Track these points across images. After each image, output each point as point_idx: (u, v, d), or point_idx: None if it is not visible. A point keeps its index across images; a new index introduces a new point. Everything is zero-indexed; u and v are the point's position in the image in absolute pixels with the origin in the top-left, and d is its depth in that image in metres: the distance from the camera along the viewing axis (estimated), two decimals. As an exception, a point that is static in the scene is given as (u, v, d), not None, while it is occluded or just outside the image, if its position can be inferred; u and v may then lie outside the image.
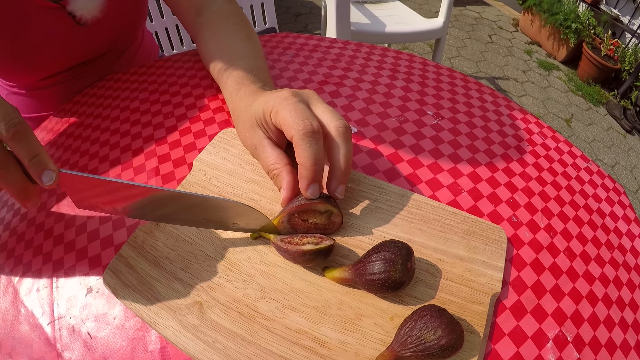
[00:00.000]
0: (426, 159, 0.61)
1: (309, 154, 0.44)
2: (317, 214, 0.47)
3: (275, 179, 0.49)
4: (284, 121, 0.46)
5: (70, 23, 0.72)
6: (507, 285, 0.48)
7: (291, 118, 0.45)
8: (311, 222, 0.47)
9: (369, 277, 0.41)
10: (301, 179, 0.45)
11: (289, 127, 0.45)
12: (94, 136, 0.67)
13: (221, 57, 0.65)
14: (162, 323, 0.42)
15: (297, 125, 0.44)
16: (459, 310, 0.43)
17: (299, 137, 0.44)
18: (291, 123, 0.45)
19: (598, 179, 0.65)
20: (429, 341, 0.37)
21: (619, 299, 0.50)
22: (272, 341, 0.41)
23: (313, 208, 0.46)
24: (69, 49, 0.77)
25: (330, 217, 0.47)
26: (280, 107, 0.47)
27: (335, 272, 0.44)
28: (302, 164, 0.44)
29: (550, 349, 0.44)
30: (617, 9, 3.26)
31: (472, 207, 0.55)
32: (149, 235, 0.49)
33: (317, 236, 0.44)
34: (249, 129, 0.52)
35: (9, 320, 0.47)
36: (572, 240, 0.54)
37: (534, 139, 0.68)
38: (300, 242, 0.44)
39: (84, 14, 0.72)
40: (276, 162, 0.49)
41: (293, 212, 0.46)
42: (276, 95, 0.49)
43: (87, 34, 0.76)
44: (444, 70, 0.81)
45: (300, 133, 0.44)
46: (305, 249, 0.43)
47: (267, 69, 0.65)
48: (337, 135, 0.46)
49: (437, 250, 0.48)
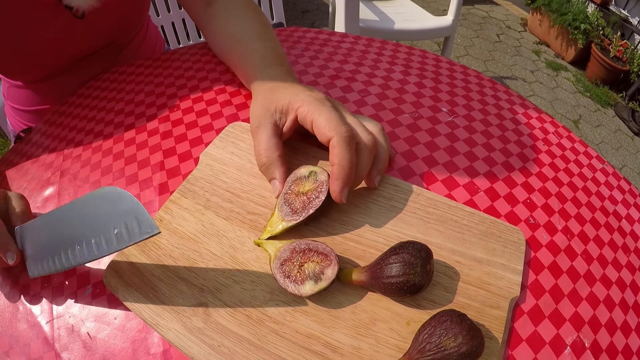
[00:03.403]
0: (441, 157, 0.59)
1: (349, 157, 0.45)
2: (304, 180, 0.47)
3: (266, 168, 0.50)
4: (321, 124, 0.47)
5: (69, 17, 0.71)
6: (525, 289, 0.47)
7: (332, 121, 0.46)
8: (303, 193, 0.46)
9: (386, 281, 0.40)
10: (337, 180, 0.45)
11: (328, 129, 0.46)
12: (98, 129, 0.66)
13: (240, 39, 0.66)
14: (165, 325, 0.41)
15: (339, 129, 0.46)
16: (477, 315, 0.42)
17: (340, 139, 0.45)
18: (332, 125, 0.46)
19: (614, 181, 0.63)
20: (448, 348, 0.36)
21: (635, 304, 0.49)
22: (282, 346, 0.40)
23: (298, 175, 0.48)
24: (70, 44, 0.76)
25: (316, 178, 0.47)
26: (316, 108, 0.48)
27: (350, 274, 0.43)
28: (341, 164, 0.45)
29: (567, 355, 0.43)
30: (626, 10, 3.24)
31: (489, 207, 0.53)
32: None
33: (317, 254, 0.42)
34: (263, 109, 0.52)
35: (6, 318, 0.47)
36: (589, 243, 0.53)
37: (550, 139, 0.66)
38: (301, 275, 0.42)
39: (80, 4, 0.71)
40: (268, 149, 0.49)
41: (286, 192, 0.47)
42: (309, 94, 0.50)
43: (86, 27, 0.75)
44: (458, 67, 0.79)
45: (343, 136, 0.45)
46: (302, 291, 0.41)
47: (284, 54, 0.65)
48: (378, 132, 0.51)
49: (455, 252, 0.46)
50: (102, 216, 0.41)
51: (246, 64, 0.63)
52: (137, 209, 0.39)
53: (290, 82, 0.55)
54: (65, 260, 0.42)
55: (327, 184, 0.46)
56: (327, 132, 0.46)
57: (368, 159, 0.47)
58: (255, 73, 0.59)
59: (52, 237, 0.43)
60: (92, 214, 0.42)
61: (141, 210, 0.39)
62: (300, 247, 0.43)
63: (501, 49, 3.44)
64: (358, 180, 0.48)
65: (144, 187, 0.55)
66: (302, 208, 0.45)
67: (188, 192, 0.51)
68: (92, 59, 0.85)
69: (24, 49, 0.71)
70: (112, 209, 0.40)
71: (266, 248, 0.45)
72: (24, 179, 0.61)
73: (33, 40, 0.70)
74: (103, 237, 0.40)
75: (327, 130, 0.46)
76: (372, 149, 0.48)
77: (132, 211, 0.39)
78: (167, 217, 0.49)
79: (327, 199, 0.45)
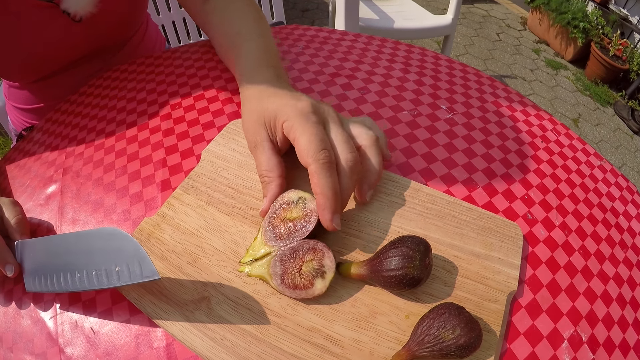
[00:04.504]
0: (440, 154, 0.59)
1: (330, 184, 0.43)
2: (292, 206, 0.45)
3: (264, 186, 0.48)
4: (300, 145, 0.45)
5: (66, 21, 0.72)
6: (522, 284, 0.47)
7: (311, 144, 0.44)
8: (290, 220, 0.45)
9: (385, 274, 0.40)
10: (323, 211, 0.43)
11: (306, 154, 0.44)
12: (100, 127, 0.66)
13: (233, 37, 0.65)
14: (168, 319, 0.42)
15: (317, 155, 0.44)
16: (476, 309, 0.42)
17: (318, 167, 0.43)
18: (310, 151, 0.44)
19: (612, 177, 0.64)
20: (447, 340, 0.36)
21: (632, 299, 0.49)
22: (283, 339, 0.40)
23: (287, 200, 0.46)
24: (67, 46, 0.77)
25: (305, 206, 0.45)
26: (299, 125, 0.46)
27: (349, 268, 0.43)
28: (324, 193, 0.43)
29: (565, 349, 0.43)
30: (626, 8, 3.24)
31: (487, 203, 0.54)
32: (155, 228, 0.48)
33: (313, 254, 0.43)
34: (255, 123, 0.51)
35: (10, 314, 0.47)
36: (587, 239, 0.53)
37: (548, 136, 0.67)
38: (306, 279, 0.42)
39: (77, 10, 0.72)
40: (270, 170, 0.48)
41: (272, 215, 0.46)
42: (294, 105, 0.48)
43: (84, 30, 0.76)
44: (457, 65, 0.80)
45: (320, 163, 0.43)
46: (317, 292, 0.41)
47: (277, 51, 0.65)
48: (369, 147, 0.48)
49: (454, 247, 0.47)
50: (105, 252, 0.42)
51: (236, 66, 0.62)
52: (140, 253, 0.40)
53: (279, 87, 0.53)
54: (65, 284, 0.42)
55: (316, 214, 0.44)
56: (305, 158, 0.44)
57: (349, 182, 0.45)
58: (243, 77, 0.58)
59: (53, 261, 0.44)
60: (96, 248, 0.42)
61: (144, 255, 0.40)
62: (287, 254, 0.43)
63: (501, 48, 3.44)
64: (344, 203, 0.46)
65: (147, 184, 0.56)
66: (287, 235, 0.44)
67: (190, 188, 0.52)
68: (90, 58, 0.86)
69: (21, 51, 0.71)
70: (115, 248, 0.41)
71: (255, 274, 0.44)
72: (27, 177, 0.61)
73: (31, 43, 0.70)
74: (104, 270, 0.41)
75: (306, 156, 0.44)
76: (354, 170, 0.46)
77: (135, 255, 0.40)
78: (170, 213, 0.49)
79: (318, 226, 0.44)
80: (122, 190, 0.56)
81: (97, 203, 0.55)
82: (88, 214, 0.54)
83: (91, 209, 0.54)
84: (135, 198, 0.54)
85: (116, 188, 0.56)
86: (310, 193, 0.45)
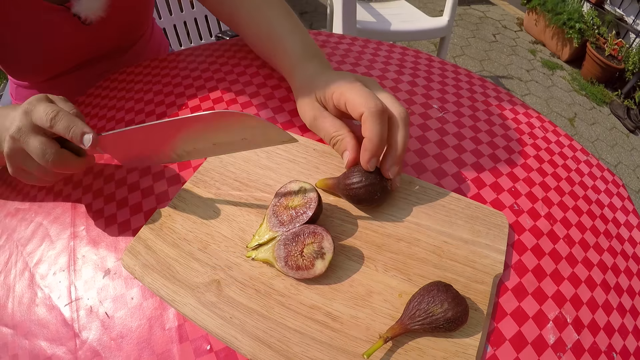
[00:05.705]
0: (431, 150, 0.63)
1: (378, 130, 0.47)
2: (293, 195, 0.49)
3: (339, 144, 0.52)
4: (353, 100, 0.49)
5: (76, 24, 0.74)
6: (509, 268, 0.50)
7: (361, 97, 0.48)
8: (292, 207, 0.48)
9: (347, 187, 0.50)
10: (365, 152, 0.48)
11: (358, 105, 0.48)
12: (109, 127, 0.69)
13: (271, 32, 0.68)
14: (181, 300, 0.44)
15: (369, 103, 0.48)
16: (464, 289, 0.45)
17: (369, 114, 0.47)
18: (362, 102, 0.48)
19: (597, 172, 0.67)
20: (436, 314, 0.39)
21: (617, 285, 0.52)
22: (287, 316, 0.43)
23: (289, 190, 0.50)
24: (77, 48, 0.79)
25: (305, 194, 0.49)
26: (346, 89, 0.50)
27: (321, 182, 0.53)
28: (370, 138, 0.47)
29: (550, 329, 0.46)
30: (621, 9, 3.26)
31: (475, 195, 0.57)
32: (167, 218, 0.51)
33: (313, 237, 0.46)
34: (308, 104, 0.57)
35: (25, 304, 0.49)
36: (572, 229, 0.56)
37: (536, 133, 0.70)
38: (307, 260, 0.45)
39: (88, 14, 0.73)
40: (339, 129, 0.53)
41: (275, 204, 0.49)
42: (340, 78, 0.53)
43: (93, 33, 0.78)
44: (449, 67, 0.83)
45: (372, 110, 0.47)
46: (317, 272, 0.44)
47: (314, 41, 0.68)
48: (400, 120, 0.49)
49: (443, 233, 0.50)
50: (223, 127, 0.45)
51: (282, 61, 0.66)
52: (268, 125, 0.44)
53: (325, 71, 0.59)
54: None
55: (315, 201, 0.47)
56: (357, 109, 0.48)
57: (403, 132, 0.49)
58: (292, 70, 0.63)
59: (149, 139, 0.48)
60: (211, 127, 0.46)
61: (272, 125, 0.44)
62: (289, 238, 0.46)
63: (497, 49, 3.46)
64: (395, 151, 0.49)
65: (157, 179, 0.58)
66: (289, 221, 0.47)
67: (200, 182, 0.55)
68: (98, 60, 0.88)
69: (32, 51, 0.73)
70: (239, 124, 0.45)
71: (260, 259, 0.47)
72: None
73: (41, 43, 0.72)
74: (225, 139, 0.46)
75: (357, 107, 0.48)
76: (406, 121, 0.49)
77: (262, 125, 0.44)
78: (181, 205, 0.53)
79: (318, 210, 0.48)
80: (133, 185, 0.58)
81: (109, 197, 0.57)
82: (99, 208, 0.56)
83: (103, 202, 0.57)
84: (146, 192, 0.57)
85: (127, 183, 0.58)
86: (309, 183, 0.49)
